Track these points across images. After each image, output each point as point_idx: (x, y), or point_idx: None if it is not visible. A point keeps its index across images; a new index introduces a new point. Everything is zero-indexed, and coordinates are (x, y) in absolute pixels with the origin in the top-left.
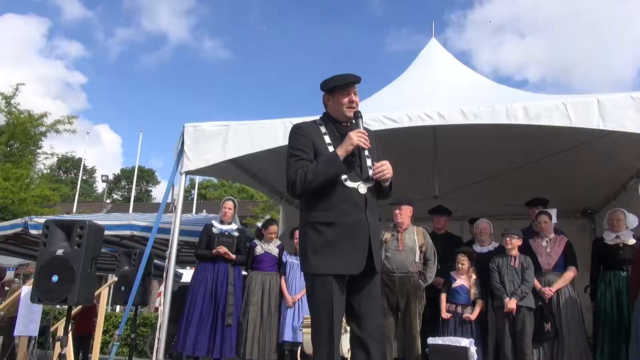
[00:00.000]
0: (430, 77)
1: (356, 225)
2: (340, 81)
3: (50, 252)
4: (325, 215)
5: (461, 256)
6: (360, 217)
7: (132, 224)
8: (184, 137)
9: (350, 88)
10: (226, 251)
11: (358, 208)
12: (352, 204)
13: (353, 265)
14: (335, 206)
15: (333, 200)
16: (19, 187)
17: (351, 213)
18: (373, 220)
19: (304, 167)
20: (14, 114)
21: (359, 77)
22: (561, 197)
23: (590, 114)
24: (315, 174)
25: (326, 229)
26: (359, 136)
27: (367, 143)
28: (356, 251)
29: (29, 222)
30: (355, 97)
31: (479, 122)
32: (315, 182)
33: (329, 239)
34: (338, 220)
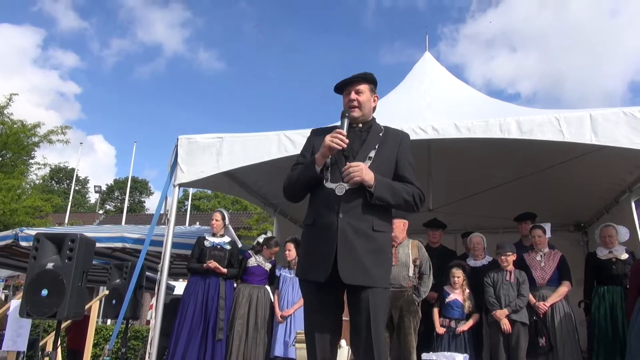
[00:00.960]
0: (425, 90)
1: (327, 228)
2: (339, 84)
3: (40, 266)
4: (308, 217)
5: (455, 270)
6: (332, 221)
7: (124, 236)
8: (177, 149)
9: (349, 87)
10: (216, 266)
11: (332, 210)
12: (327, 205)
13: (318, 271)
14: (315, 207)
15: (316, 201)
16: (10, 198)
17: (325, 215)
18: (348, 225)
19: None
20: (6, 124)
21: (356, 75)
22: (554, 210)
23: (583, 129)
24: (296, 177)
25: (307, 231)
26: (332, 137)
27: (342, 143)
28: (323, 257)
29: (19, 234)
30: (358, 95)
31: (472, 136)
32: (297, 185)
33: (308, 241)
34: (316, 221)
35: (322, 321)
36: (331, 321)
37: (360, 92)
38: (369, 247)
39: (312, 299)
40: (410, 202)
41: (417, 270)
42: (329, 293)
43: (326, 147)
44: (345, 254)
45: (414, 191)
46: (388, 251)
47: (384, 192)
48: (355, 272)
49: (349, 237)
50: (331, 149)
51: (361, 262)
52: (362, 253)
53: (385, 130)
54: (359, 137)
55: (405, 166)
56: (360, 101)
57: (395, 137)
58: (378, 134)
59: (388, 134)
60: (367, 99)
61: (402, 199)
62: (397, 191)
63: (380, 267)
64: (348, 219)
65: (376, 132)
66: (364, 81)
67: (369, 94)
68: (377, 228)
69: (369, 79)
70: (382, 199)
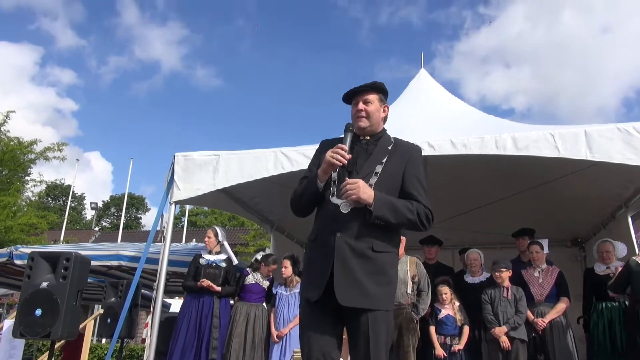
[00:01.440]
0: (420, 106)
1: (325, 246)
2: (347, 93)
3: (34, 285)
4: (312, 232)
5: (441, 287)
6: (329, 239)
7: (119, 254)
8: (174, 166)
9: (357, 97)
10: (209, 284)
11: (330, 228)
12: (327, 222)
13: (313, 290)
14: (318, 223)
15: (320, 216)
16: (5, 215)
17: (326, 233)
18: (345, 245)
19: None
20: (3, 141)
21: (365, 84)
22: (551, 226)
23: (578, 145)
24: (300, 192)
25: (309, 247)
26: (332, 153)
27: (342, 159)
28: (318, 275)
29: (14, 252)
30: (366, 105)
31: (468, 152)
32: (302, 200)
33: (308, 257)
34: (317, 238)
35: (317, 340)
36: (327, 340)
37: (369, 102)
38: (368, 269)
39: (308, 316)
40: (414, 221)
41: (416, 287)
42: (326, 312)
43: (326, 163)
44: (341, 274)
45: (419, 209)
46: (391, 273)
47: (384, 211)
48: (351, 293)
49: (346, 257)
50: (332, 165)
51: (359, 283)
52: (359, 274)
53: (395, 143)
54: (365, 151)
55: (413, 182)
56: (369, 111)
57: (404, 151)
58: (387, 147)
59: (397, 147)
60: (375, 109)
61: (404, 218)
62: (400, 210)
63: (380, 288)
64: (345, 237)
65: (384, 146)
66: (373, 90)
67: (378, 104)
68: (377, 249)
69: (379, 88)
70: (382, 219)
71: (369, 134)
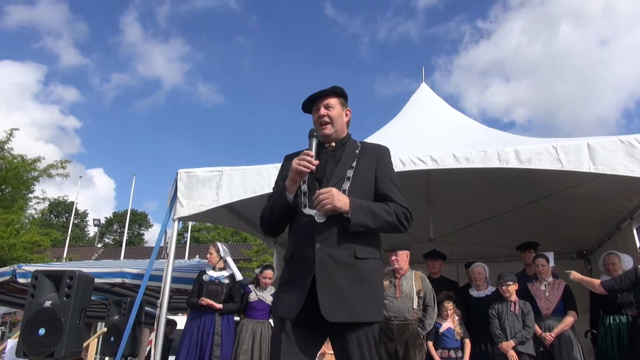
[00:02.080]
0: (422, 121)
1: (304, 261)
2: (306, 100)
3: (38, 304)
4: (288, 249)
5: (447, 303)
6: (308, 252)
7: (123, 271)
8: (177, 183)
9: (318, 103)
10: (209, 302)
11: (309, 240)
12: (305, 235)
13: (290, 308)
14: (294, 238)
15: (294, 231)
16: (9, 233)
17: (303, 246)
18: (327, 255)
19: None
20: (6, 159)
21: (324, 89)
22: (556, 238)
23: (581, 158)
24: (269, 208)
25: (287, 265)
26: (299, 160)
27: (310, 166)
28: (297, 290)
29: (17, 271)
30: (328, 110)
31: (471, 166)
32: (272, 216)
33: (284, 276)
34: (294, 255)
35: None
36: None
37: (330, 106)
38: (352, 278)
39: (286, 340)
40: (393, 223)
41: (422, 302)
42: (306, 331)
43: (294, 172)
44: (325, 288)
45: (397, 210)
46: (376, 280)
47: (362, 217)
48: (337, 307)
49: (329, 269)
50: (300, 174)
51: (343, 296)
52: (343, 285)
53: (362, 146)
54: (333, 157)
55: (386, 183)
56: (332, 116)
57: (373, 153)
58: (354, 151)
59: (365, 150)
60: (338, 114)
61: (384, 221)
62: (377, 213)
63: (368, 298)
64: (326, 248)
65: (352, 150)
66: (333, 95)
67: (340, 108)
68: (360, 255)
69: (339, 92)
70: (361, 225)
71: (334, 140)
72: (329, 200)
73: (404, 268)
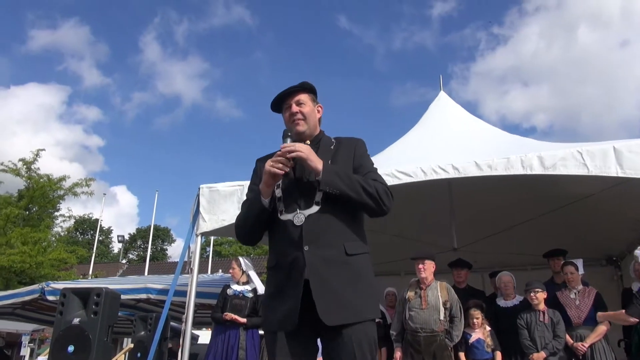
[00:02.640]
0: (442, 129)
1: (292, 267)
2: (275, 98)
3: (66, 322)
4: (270, 258)
5: (474, 311)
6: (296, 257)
7: (148, 287)
8: (199, 198)
9: (288, 100)
10: (233, 317)
11: (294, 245)
12: (288, 242)
13: (284, 320)
14: (275, 246)
15: (275, 238)
16: (36, 251)
17: (289, 252)
18: (316, 257)
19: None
20: (33, 178)
21: (293, 86)
22: (584, 245)
23: (608, 162)
24: (244, 215)
25: (272, 275)
26: (272, 163)
27: (284, 168)
28: (288, 302)
29: (45, 288)
30: (299, 106)
31: (494, 173)
32: (247, 223)
33: (270, 286)
34: (278, 262)
35: None
36: None
37: (302, 102)
38: (348, 276)
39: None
40: (373, 195)
41: (448, 313)
42: (301, 342)
43: (267, 174)
44: (320, 291)
45: (377, 185)
46: (370, 276)
47: (334, 177)
48: (336, 309)
49: (321, 271)
50: (274, 176)
51: (341, 297)
52: (339, 285)
53: (336, 141)
54: None
55: (364, 166)
56: (304, 113)
57: (349, 145)
58: (329, 147)
59: (340, 143)
60: (310, 110)
61: (361, 189)
62: (354, 179)
63: (363, 296)
64: (315, 249)
65: (327, 145)
66: (303, 91)
67: (312, 104)
68: (350, 251)
69: (308, 88)
70: (333, 186)
71: (308, 138)
72: (297, 149)
73: (429, 278)
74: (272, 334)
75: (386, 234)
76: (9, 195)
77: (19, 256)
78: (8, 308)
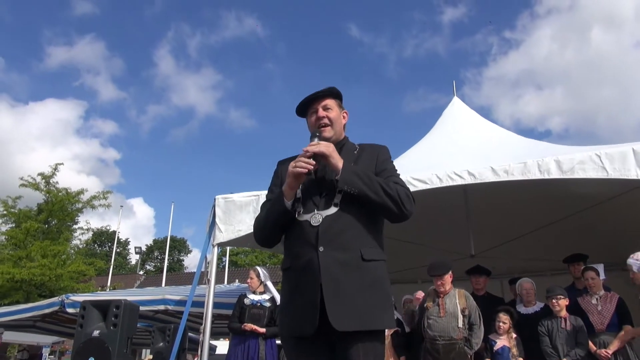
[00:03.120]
0: (457, 134)
1: (306, 269)
2: (303, 101)
3: (86, 334)
4: (285, 260)
5: (503, 315)
6: (311, 258)
7: (165, 298)
8: (215, 209)
9: (314, 104)
10: (253, 327)
11: (309, 245)
12: (304, 242)
13: (304, 324)
14: (291, 248)
15: (290, 240)
16: (56, 264)
17: (304, 253)
18: (332, 259)
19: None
20: (52, 192)
21: (321, 90)
22: (604, 249)
23: (628, 165)
24: (264, 217)
25: (286, 277)
26: (295, 163)
27: (308, 166)
28: (306, 304)
29: (65, 301)
30: (326, 111)
31: (510, 178)
32: (267, 225)
33: (286, 290)
34: (293, 264)
35: None
36: None
37: (329, 108)
38: (363, 282)
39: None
40: (394, 196)
41: (467, 320)
42: (319, 349)
43: (291, 176)
44: (332, 294)
45: (398, 188)
46: (385, 285)
47: (353, 177)
48: (348, 315)
49: (335, 273)
50: (298, 177)
51: (353, 303)
52: (353, 290)
53: (360, 147)
54: None
55: (387, 170)
56: (331, 118)
57: (372, 151)
58: (352, 152)
59: (363, 149)
60: (337, 116)
61: (381, 191)
62: (374, 179)
63: (377, 304)
64: (330, 251)
65: (350, 151)
66: (331, 96)
67: (338, 110)
68: (367, 257)
69: (335, 93)
70: (352, 185)
71: (333, 143)
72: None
73: (447, 287)
74: (291, 340)
75: (402, 241)
76: (29, 209)
77: (39, 269)
78: (29, 321)
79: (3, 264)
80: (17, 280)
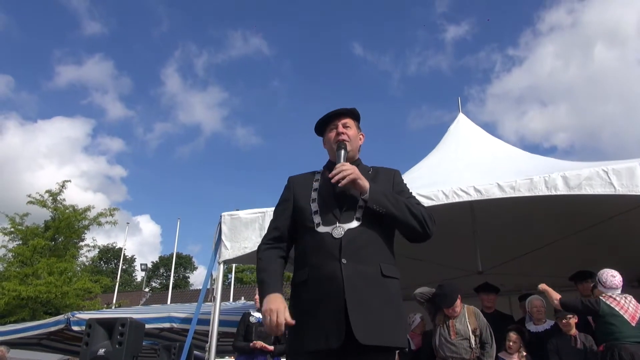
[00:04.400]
0: (462, 151)
1: (328, 280)
2: (323, 117)
3: (92, 352)
4: (299, 273)
5: (513, 334)
6: (333, 270)
7: (171, 316)
8: (221, 226)
9: (336, 121)
10: (263, 345)
11: (331, 257)
12: (325, 254)
13: (329, 336)
14: (307, 260)
15: (306, 252)
16: (62, 281)
17: (323, 266)
18: (355, 272)
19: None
20: (59, 209)
21: (344, 108)
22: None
23: (635, 180)
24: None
25: (301, 291)
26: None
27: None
28: (329, 317)
29: (71, 319)
30: (347, 129)
31: (517, 195)
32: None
33: (302, 303)
34: (311, 277)
35: None
36: None
37: (348, 126)
38: (384, 297)
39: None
40: (418, 216)
41: (478, 339)
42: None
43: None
44: (357, 307)
45: (421, 209)
46: (401, 303)
47: (380, 196)
48: (373, 329)
49: (359, 286)
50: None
51: (378, 316)
52: (377, 305)
53: (373, 169)
54: None
55: (407, 193)
56: (350, 136)
57: (387, 173)
58: (367, 173)
59: (378, 171)
60: (355, 135)
61: (407, 210)
62: (400, 200)
63: (396, 322)
64: (354, 263)
65: (365, 171)
66: (352, 116)
67: (357, 130)
68: (386, 273)
69: (356, 114)
70: (379, 204)
71: (350, 161)
72: (350, 172)
73: (457, 310)
74: (303, 356)
75: (409, 259)
76: (36, 226)
77: (45, 286)
78: (34, 339)
79: (10, 281)
80: (23, 298)
